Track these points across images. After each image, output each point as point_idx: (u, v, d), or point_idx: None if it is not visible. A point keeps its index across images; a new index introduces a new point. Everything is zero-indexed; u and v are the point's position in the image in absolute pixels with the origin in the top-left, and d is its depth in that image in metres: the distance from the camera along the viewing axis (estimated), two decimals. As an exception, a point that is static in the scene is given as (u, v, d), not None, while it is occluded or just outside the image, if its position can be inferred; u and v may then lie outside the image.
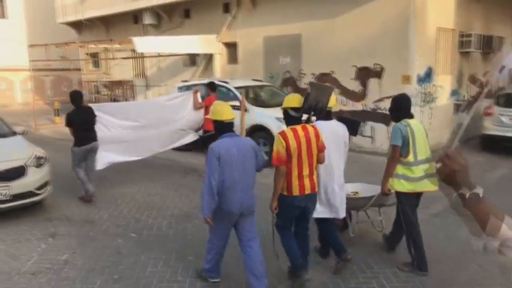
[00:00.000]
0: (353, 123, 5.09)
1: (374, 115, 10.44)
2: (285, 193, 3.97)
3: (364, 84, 10.66)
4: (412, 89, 9.70)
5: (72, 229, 5.82)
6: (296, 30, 11.71)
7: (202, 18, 14.21)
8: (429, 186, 4.32)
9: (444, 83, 11.02)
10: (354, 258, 4.56)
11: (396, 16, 9.88)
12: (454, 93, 11.49)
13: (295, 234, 4.19)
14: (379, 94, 10.40)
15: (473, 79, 12.27)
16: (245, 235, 4.04)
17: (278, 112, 6.21)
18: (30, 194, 6.11)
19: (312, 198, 4.11)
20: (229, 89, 9.84)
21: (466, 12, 11.37)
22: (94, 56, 19.26)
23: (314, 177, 4.08)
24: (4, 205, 5.86)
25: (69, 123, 6.82)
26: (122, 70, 17.62)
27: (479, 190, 1.42)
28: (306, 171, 3.98)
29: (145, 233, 5.63)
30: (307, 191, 4.00)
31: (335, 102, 4.63)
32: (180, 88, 10.69)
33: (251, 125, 8.92)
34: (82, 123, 6.80)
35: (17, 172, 6.00)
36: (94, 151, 6.93)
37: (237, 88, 9.86)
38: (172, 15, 15.20)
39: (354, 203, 4.94)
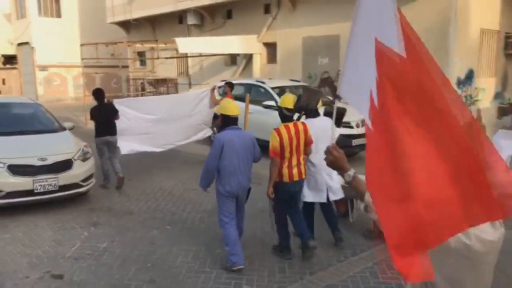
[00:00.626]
0: (337, 116, 5.28)
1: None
2: (279, 180, 4.70)
3: (402, 86, 10.58)
4: (451, 92, 9.55)
5: (112, 219, 6.26)
6: (335, 31, 11.78)
7: (243, 18, 14.52)
8: None
9: (487, 86, 10.77)
10: (353, 241, 5.07)
11: (436, 17, 9.77)
12: (497, 96, 11.20)
13: (290, 214, 4.94)
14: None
15: (519, 82, 11.89)
16: (239, 206, 4.92)
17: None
18: (75, 185, 6.61)
19: (300, 184, 4.86)
20: (266, 89, 10.07)
21: (513, 12, 11.04)
22: (141, 54, 20.04)
23: (302, 166, 4.80)
24: (52, 195, 6.37)
25: (92, 117, 7.70)
26: (166, 69, 18.26)
27: (351, 172, 2.07)
28: (295, 162, 4.73)
29: (179, 226, 5.97)
30: (296, 178, 4.75)
31: (321, 103, 5.40)
32: (219, 88, 11.02)
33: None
34: (102, 117, 7.51)
35: (65, 165, 6.51)
36: (112, 144, 7.57)
37: (273, 88, 10.07)
38: (214, 16, 15.63)
39: (351, 192, 5.33)
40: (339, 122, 5.68)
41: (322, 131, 4.88)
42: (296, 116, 4.97)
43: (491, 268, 1.88)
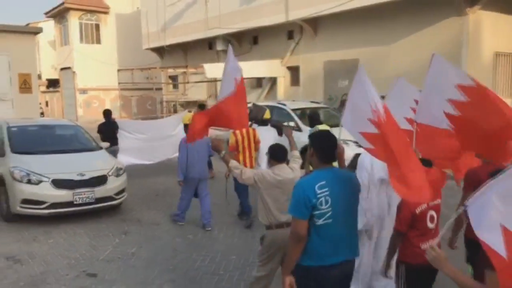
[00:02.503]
0: (278, 127, 7.48)
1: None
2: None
3: (418, 107, 10.98)
4: (465, 113, 9.91)
5: (141, 228, 6.98)
6: (354, 55, 12.36)
7: (268, 44, 15.34)
8: None
9: (503, 107, 11.02)
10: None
11: (449, 42, 10.21)
12: (515, 116, 11.40)
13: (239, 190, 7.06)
14: (432, 117, 10.67)
15: (539, 102, 12.05)
16: (201, 192, 6.97)
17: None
18: (109, 198, 7.39)
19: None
20: (287, 111, 10.71)
21: (529, 35, 11.32)
22: (173, 78, 21.15)
23: (253, 159, 6.81)
24: (89, 207, 7.17)
25: (99, 131, 9.63)
26: (197, 91, 19.24)
27: (223, 153, 4.17)
28: (247, 156, 6.78)
29: (199, 235, 6.61)
30: (247, 165, 6.59)
31: (269, 115, 7.79)
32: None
33: (304, 145, 9.72)
34: (107, 132, 9.48)
35: (101, 180, 7.30)
36: (114, 153, 9.01)
37: (293, 110, 10.69)
38: (241, 42, 16.53)
39: None
40: (280, 132, 7.30)
41: (267, 136, 6.92)
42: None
43: (289, 192, 3.13)
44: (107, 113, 10.17)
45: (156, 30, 20.44)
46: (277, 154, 4.09)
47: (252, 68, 14.61)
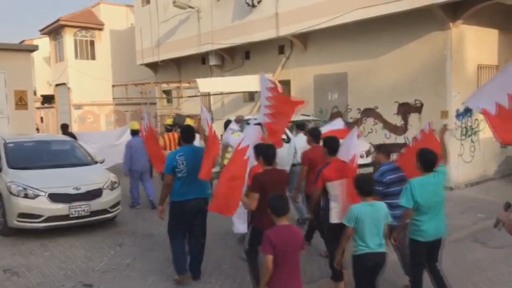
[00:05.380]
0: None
1: (415, 148, 11.00)
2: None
3: (405, 119, 11.30)
4: (451, 123, 10.24)
5: (136, 240, 7.16)
6: (343, 69, 12.69)
7: (260, 59, 15.66)
8: None
9: (488, 117, 11.33)
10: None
11: (433, 56, 10.55)
12: (500, 126, 11.71)
13: None
14: (419, 128, 10.94)
15: (523, 113, 12.38)
16: (145, 181, 9.34)
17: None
18: (105, 211, 7.59)
19: None
20: (306, 124, 10.89)
21: (511, 48, 11.70)
22: (167, 93, 21.41)
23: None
24: (85, 220, 7.36)
25: None
26: (191, 105, 19.44)
27: None
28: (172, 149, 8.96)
29: (192, 246, 6.80)
30: None
31: (190, 121, 9.73)
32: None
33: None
34: None
35: (96, 194, 7.50)
36: None
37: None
38: (234, 57, 16.85)
39: None
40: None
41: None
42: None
43: None
44: (63, 127, 12.34)
45: (150, 46, 20.75)
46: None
47: (244, 82, 14.90)
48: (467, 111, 10.73)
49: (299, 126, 8.38)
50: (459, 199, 9.23)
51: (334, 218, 4.76)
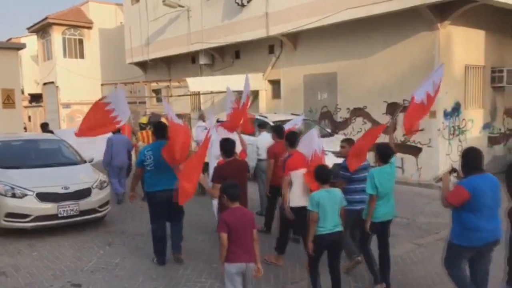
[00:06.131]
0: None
1: (403, 147, 11.08)
2: None
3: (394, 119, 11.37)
4: (438, 123, 10.36)
5: (125, 240, 7.13)
6: (332, 69, 12.76)
7: (250, 58, 15.67)
8: None
9: (475, 117, 11.49)
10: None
11: (421, 55, 10.66)
12: (486, 126, 11.88)
13: None
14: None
15: (510, 113, 12.57)
16: (121, 177, 9.69)
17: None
18: (94, 211, 7.54)
19: None
20: (268, 123, 10.97)
21: (498, 49, 11.86)
22: (157, 92, 21.32)
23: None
24: (74, 219, 7.30)
25: None
26: (181, 104, 19.40)
27: None
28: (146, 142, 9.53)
29: (182, 245, 6.78)
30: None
31: (164, 120, 8.92)
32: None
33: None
34: None
35: (84, 193, 7.45)
36: None
37: (274, 122, 10.96)
38: (224, 56, 16.84)
39: None
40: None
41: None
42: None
43: None
44: (44, 125, 12.33)
45: (139, 45, 20.65)
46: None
47: (234, 81, 14.87)
48: (455, 111, 10.87)
49: (261, 125, 9.70)
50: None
51: (293, 202, 5.49)
